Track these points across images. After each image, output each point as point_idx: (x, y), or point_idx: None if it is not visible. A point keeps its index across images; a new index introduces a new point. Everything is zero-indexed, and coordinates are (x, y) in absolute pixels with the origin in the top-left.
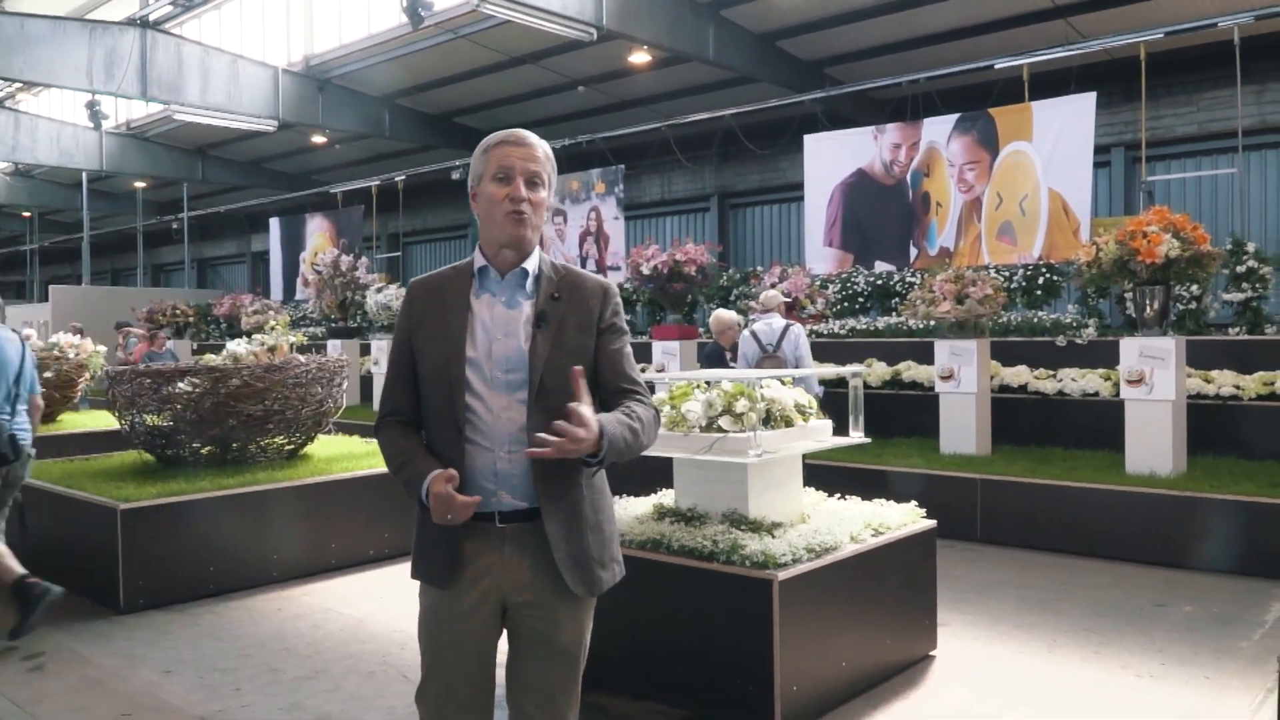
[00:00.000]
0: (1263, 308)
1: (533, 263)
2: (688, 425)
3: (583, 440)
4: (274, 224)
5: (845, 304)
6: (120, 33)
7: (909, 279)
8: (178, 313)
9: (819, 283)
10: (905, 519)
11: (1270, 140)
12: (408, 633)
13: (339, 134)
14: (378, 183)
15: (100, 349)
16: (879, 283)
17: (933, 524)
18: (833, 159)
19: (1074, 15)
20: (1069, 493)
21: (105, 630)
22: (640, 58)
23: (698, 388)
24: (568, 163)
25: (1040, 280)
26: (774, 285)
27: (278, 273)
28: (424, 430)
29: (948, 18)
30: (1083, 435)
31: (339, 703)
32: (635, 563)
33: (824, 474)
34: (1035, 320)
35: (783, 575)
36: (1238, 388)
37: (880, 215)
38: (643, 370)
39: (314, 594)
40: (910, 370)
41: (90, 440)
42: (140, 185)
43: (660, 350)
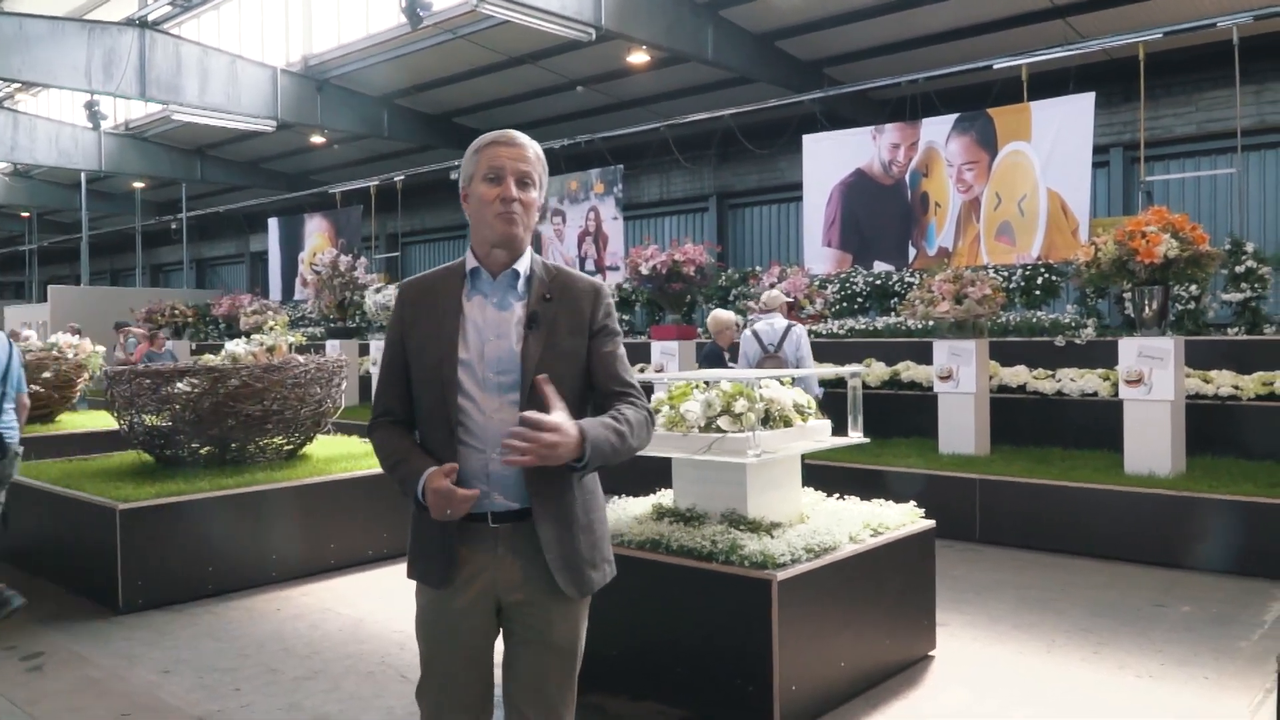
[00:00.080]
0: (1261, 308)
1: (524, 264)
2: (686, 425)
3: (557, 444)
4: (273, 224)
5: (844, 304)
6: (119, 33)
7: (908, 279)
8: (176, 313)
9: (818, 283)
10: (904, 519)
11: (1269, 140)
12: (406, 633)
13: (338, 134)
14: (376, 183)
15: (99, 349)
16: (878, 283)
17: (932, 524)
18: (831, 159)
19: (1073, 15)
20: (1068, 493)
21: (104, 630)
22: (639, 58)
23: (696, 388)
24: (566, 163)
25: (1039, 280)
26: (772, 286)
27: (276, 273)
28: (417, 431)
29: (946, 18)
30: (1081, 435)
31: (338, 703)
32: (634, 563)
33: (823, 474)
34: (1034, 320)
35: (782, 575)
36: (1236, 388)
37: (879, 215)
38: (641, 370)
39: (313, 594)
40: (909, 370)
41: (89, 440)
42: (139, 185)
43: (659, 350)
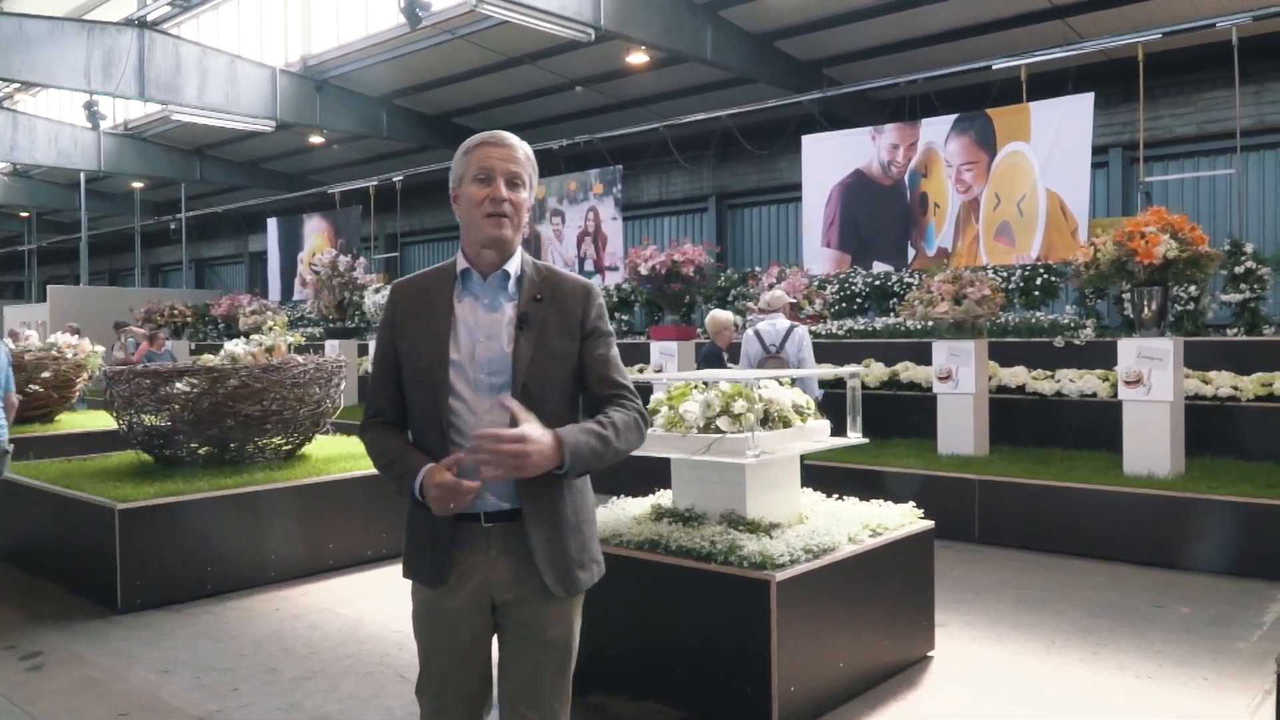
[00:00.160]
0: (1260, 308)
1: (514, 264)
2: (685, 426)
3: (525, 454)
4: (272, 224)
5: (843, 305)
6: (118, 33)
7: (907, 280)
8: (175, 313)
9: (817, 283)
10: (903, 520)
11: (1268, 141)
12: (405, 633)
13: (337, 134)
14: (375, 183)
15: (98, 349)
16: (877, 283)
17: (930, 525)
18: (830, 159)
19: (1072, 16)
20: (1067, 493)
21: (103, 630)
22: (638, 58)
23: (695, 388)
24: (565, 163)
25: (1038, 281)
26: (771, 286)
27: (275, 273)
28: (409, 431)
29: (946, 18)
30: (1080, 436)
31: (336, 703)
32: (633, 563)
33: (822, 475)
34: (1033, 321)
35: (781, 576)
36: (1235, 389)
37: (878, 216)
38: (640, 371)
39: (311, 594)
40: (908, 371)
41: (88, 440)
42: (138, 185)
43: (658, 351)
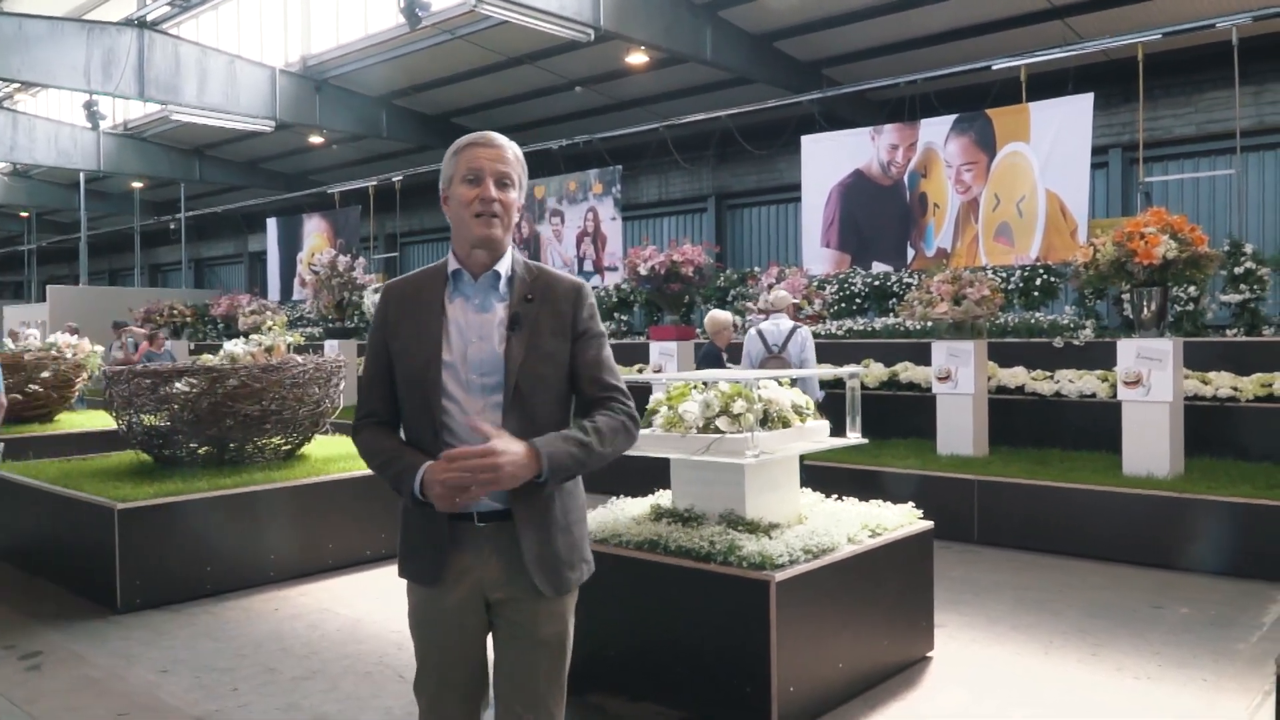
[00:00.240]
0: (1260, 309)
1: (505, 264)
2: (685, 426)
3: (496, 466)
4: (271, 224)
5: (842, 305)
6: (118, 33)
7: (906, 280)
8: (175, 313)
9: (816, 283)
10: (902, 520)
11: (1268, 141)
12: (404, 633)
13: (336, 134)
14: (375, 183)
15: (97, 349)
16: (876, 284)
17: (930, 525)
18: (830, 160)
19: (1072, 16)
20: (1066, 494)
21: (102, 630)
22: (637, 58)
23: (695, 388)
24: (565, 163)
25: (1037, 281)
26: (771, 286)
27: (275, 273)
28: (402, 431)
29: (945, 18)
30: (1080, 437)
31: (336, 703)
32: (633, 563)
33: (821, 475)
34: (1032, 321)
35: (780, 576)
36: (1235, 389)
37: (877, 216)
38: (640, 371)
39: (311, 594)
40: (907, 371)
41: (87, 440)
42: (137, 185)
43: (657, 351)
